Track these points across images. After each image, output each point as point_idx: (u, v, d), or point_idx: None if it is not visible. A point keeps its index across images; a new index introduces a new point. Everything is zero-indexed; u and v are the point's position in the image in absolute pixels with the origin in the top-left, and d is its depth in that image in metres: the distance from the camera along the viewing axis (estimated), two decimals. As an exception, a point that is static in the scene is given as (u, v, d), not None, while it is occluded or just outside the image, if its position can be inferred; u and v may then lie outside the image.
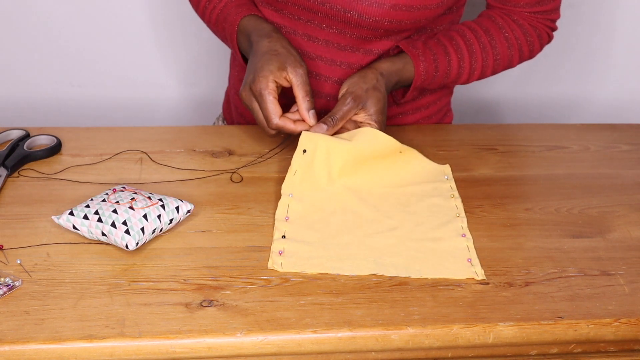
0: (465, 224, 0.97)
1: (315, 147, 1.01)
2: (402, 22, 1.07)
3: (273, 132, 1.04)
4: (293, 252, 0.91)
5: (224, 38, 1.18)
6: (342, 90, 1.08)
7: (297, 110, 1.04)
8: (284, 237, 0.93)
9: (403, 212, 0.99)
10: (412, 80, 1.13)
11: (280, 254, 0.90)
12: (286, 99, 1.08)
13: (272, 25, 1.11)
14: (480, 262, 0.90)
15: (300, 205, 0.99)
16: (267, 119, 1.02)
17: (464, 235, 0.95)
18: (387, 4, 1.04)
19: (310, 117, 1.03)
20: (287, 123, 1.03)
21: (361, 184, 1.04)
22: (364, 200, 1.01)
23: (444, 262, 0.90)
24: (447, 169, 1.09)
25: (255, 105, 1.04)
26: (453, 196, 1.03)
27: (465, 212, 1.00)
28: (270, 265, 0.88)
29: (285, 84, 1.04)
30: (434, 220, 0.98)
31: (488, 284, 0.87)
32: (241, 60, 1.17)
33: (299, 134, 1.03)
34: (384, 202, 1.01)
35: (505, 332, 0.81)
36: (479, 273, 0.88)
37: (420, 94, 1.22)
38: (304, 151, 1.01)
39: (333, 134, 1.04)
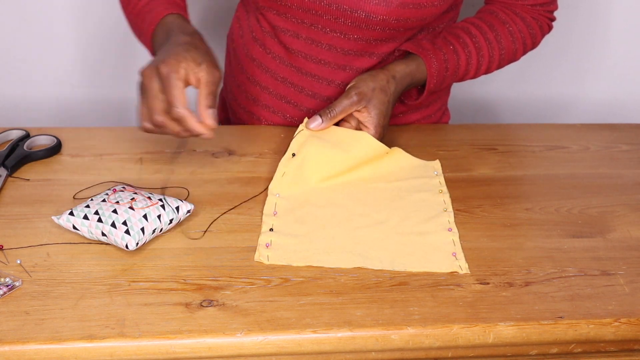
0: (452, 219, 0.98)
1: (305, 153, 1.02)
2: (409, 20, 1.07)
3: (146, 128, 0.93)
4: (280, 245, 0.91)
5: (139, 30, 1.10)
6: (350, 85, 1.07)
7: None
8: (271, 229, 0.94)
9: (391, 206, 1.00)
10: (424, 81, 1.13)
11: (267, 246, 0.91)
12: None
13: (195, 28, 1.02)
14: (480, 262, 0.91)
15: (287, 202, 0.99)
16: (169, 103, 0.90)
17: (450, 230, 0.95)
18: (395, 2, 1.04)
19: (207, 115, 0.91)
20: (190, 115, 0.90)
21: (350, 180, 1.04)
22: (353, 195, 1.02)
23: (428, 255, 0.91)
24: (437, 164, 1.10)
25: (154, 87, 0.91)
26: (441, 191, 1.04)
27: (465, 212, 1.00)
28: (256, 257, 0.89)
29: (192, 82, 0.93)
30: (421, 215, 0.98)
31: (488, 284, 0.87)
32: (151, 54, 1.08)
33: (180, 134, 0.93)
34: (373, 197, 1.02)
35: (505, 332, 0.81)
36: (462, 267, 0.89)
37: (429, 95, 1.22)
38: (293, 155, 1.02)
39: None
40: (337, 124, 1.07)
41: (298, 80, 1.17)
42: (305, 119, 1.05)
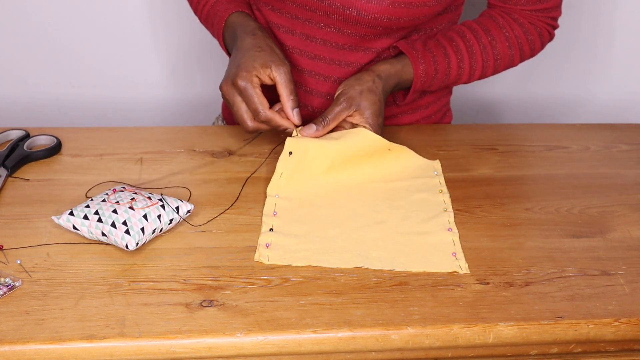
0: (452, 219, 0.98)
1: (303, 150, 1.02)
2: (401, 19, 1.07)
3: (252, 127, 1.04)
4: (280, 245, 0.91)
5: (213, 34, 1.19)
6: (337, 92, 1.08)
7: (281, 108, 1.05)
8: (271, 229, 0.94)
9: (391, 206, 1.00)
10: (412, 82, 1.13)
11: (267, 246, 0.91)
12: (272, 94, 1.08)
13: (258, 23, 1.11)
14: (480, 262, 0.91)
15: (287, 203, 0.99)
16: (254, 111, 1.02)
17: (450, 230, 0.95)
18: (387, 0, 1.04)
19: (294, 115, 1.03)
20: (275, 115, 1.02)
21: (350, 179, 1.04)
22: (353, 194, 1.02)
23: (428, 255, 0.91)
24: (437, 164, 1.10)
25: (238, 99, 1.03)
26: (441, 191, 1.04)
27: (465, 212, 1.00)
28: (257, 257, 0.89)
29: (268, 82, 1.04)
30: (421, 215, 0.98)
31: (488, 284, 0.87)
32: (228, 56, 1.17)
33: (278, 129, 1.03)
34: (373, 197, 1.02)
35: (505, 332, 0.81)
36: (462, 267, 0.89)
37: (420, 95, 1.22)
38: (290, 153, 1.02)
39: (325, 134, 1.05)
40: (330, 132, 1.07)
41: (295, 76, 1.18)
42: (300, 127, 1.05)
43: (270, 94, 1.07)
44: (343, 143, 1.03)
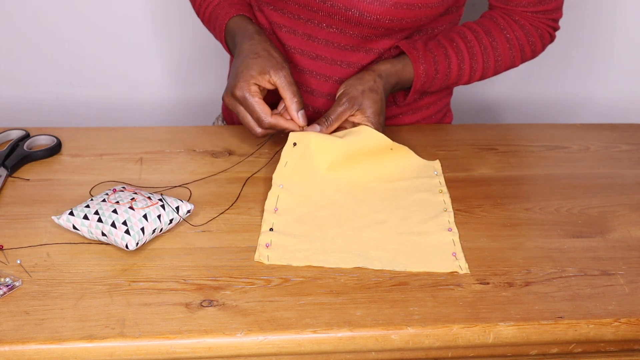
0: (452, 219, 0.98)
1: (306, 142, 1.02)
2: (403, 20, 1.07)
3: (261, 133, 1.04)
4: (280, 245, 0.91)
5: (215, 37, 1.19)
6: (339, 92, 1.08)
7: (285, 110, 1.05)
8: (271, 229, 0.94)
9: (391, 206, 1.00)
10: (412, 82, 1.13)
11: (267, 246, 0.91)
12: (276, 96, 1.08)
13: (257, 27, 1.11)
14: (480, 262, 0.91)
15: (289, 197, 1.00)
16: (258, 120, 1.03)
17: (450, 230, 0.95)
18: (389, 2, 1.04)
19: (299, 117, 1.03)
20: (279, 120, 1.03)
21: (351, 178, 1.05)
22: (353, 194, 1.02)
23: (428, 255, 0.91)
24: (437, 164, 1.10)
25: (241, 109, 1.04)
26: (441, 191, 1.04)
27: (465, 212, 1.00)
28: (257, 257, 0.89)
29: (269, 87, 1.04)
30: (421, 215, 0.98)
31: (488, 284, 0.87)
32: (232, 58, 1.18)
33: (289, 131, 1.03)
34: (372, 197, 1.02)
35: (505, 332, 0.81)
36: (462, 267, 0.89)
37: (420, 96, 1.22)
38: (294, 144, 1.02)
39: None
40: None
41: (296, 77, 1.18)
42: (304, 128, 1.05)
43: (274, 96, 1.07)
44: (346, 139, 1.04)
